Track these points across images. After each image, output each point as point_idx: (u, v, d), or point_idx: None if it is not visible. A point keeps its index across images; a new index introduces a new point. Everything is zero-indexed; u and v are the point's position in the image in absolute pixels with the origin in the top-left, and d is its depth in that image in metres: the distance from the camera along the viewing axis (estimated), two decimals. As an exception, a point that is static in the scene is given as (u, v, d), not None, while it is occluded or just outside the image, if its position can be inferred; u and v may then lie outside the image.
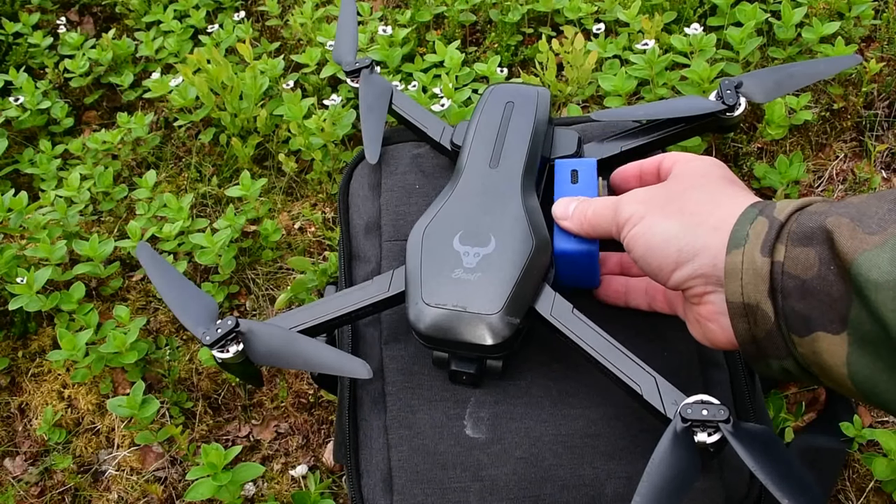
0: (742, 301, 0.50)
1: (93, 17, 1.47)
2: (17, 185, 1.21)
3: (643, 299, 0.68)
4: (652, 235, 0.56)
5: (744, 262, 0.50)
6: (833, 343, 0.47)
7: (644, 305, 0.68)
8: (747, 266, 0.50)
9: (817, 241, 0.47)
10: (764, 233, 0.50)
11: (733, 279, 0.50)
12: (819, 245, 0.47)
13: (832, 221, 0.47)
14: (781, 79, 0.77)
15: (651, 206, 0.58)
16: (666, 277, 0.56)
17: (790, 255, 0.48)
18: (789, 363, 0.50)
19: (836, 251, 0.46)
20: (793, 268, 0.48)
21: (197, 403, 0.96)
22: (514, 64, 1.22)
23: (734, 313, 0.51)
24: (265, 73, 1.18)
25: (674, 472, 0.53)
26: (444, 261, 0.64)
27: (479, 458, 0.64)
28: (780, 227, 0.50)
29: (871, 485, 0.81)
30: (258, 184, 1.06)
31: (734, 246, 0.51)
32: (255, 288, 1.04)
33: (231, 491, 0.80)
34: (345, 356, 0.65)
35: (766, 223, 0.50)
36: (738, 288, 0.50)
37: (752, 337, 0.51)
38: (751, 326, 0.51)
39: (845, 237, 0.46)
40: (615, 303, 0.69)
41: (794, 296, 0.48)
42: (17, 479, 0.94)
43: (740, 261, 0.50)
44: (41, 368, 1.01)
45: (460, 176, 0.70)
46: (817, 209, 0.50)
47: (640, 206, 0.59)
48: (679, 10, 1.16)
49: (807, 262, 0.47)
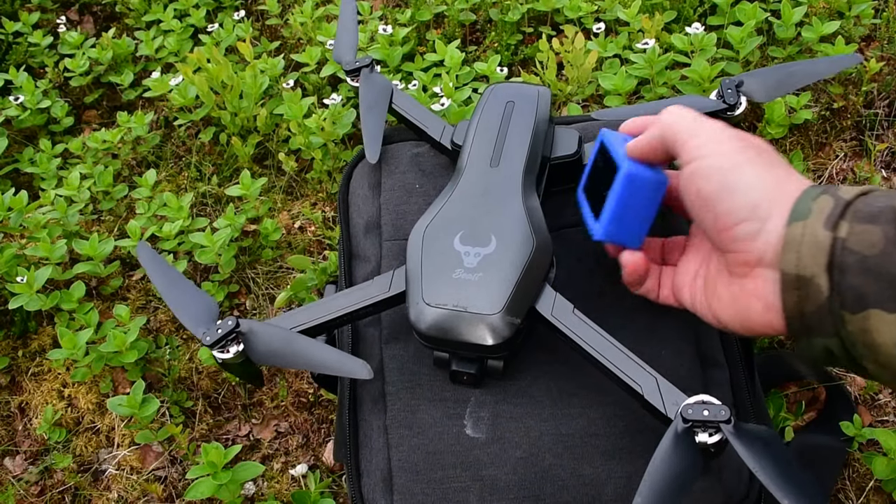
0: (796, 273, 0.49)
1: (93, 17, 1.47)
2: (17, 184, 1.21)
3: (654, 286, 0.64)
4: (734, 177, 0.53)
5: (804, 235, 0.49)
6: (886, 322, 0.47)
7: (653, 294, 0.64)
8: (808, 238, 0.49)
9: (885, 221, 0.47)
10: (829, 209, 0.49)
11: (791, 250, 0.50)
12: (886, 224, 0.47)
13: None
14: (782, 78, 0.77)
15: (737, 146, 0.55)
16: (727, 225, 0.53)
17: (854, 232, 0.48)
18: (833, 342, 0.50)
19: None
20: (856, 244, 0.48)
21: (197, 402, 0.96)
22: (514, 63, 1.22)
23: (786, 285, 0.50)
24: (265, 72, 1.18)
25: (674, 473, 0.53)
26: (445, 261, 0.64)
27: (480, 457, 0.64)
28: (845, 204, 0.49)
29: (871, 484, 0.81)
30: (258, 183, 1.06)
31: (795, 218, 0.50)
32: (255, 287, 1.04)
33: (231, 490, 0.80)
34: (345, 356, 0.65)
35: (830, 200, 0.50)
36: (794, 259, 0.50)
37: (800, 312, 0.50)
38: (801, 300, 0.50)
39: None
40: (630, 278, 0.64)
41: (852, 272, 0.48)
42: (18, 478, 0.94)
43: (801, 233, 0.49)
44: (41, 367, 1.01)
45: (461, 175, 0.70)
46: (884, 193, 0.50)
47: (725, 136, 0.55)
48: (679, 10, 1.16)
49: (871, 240, 0.47)
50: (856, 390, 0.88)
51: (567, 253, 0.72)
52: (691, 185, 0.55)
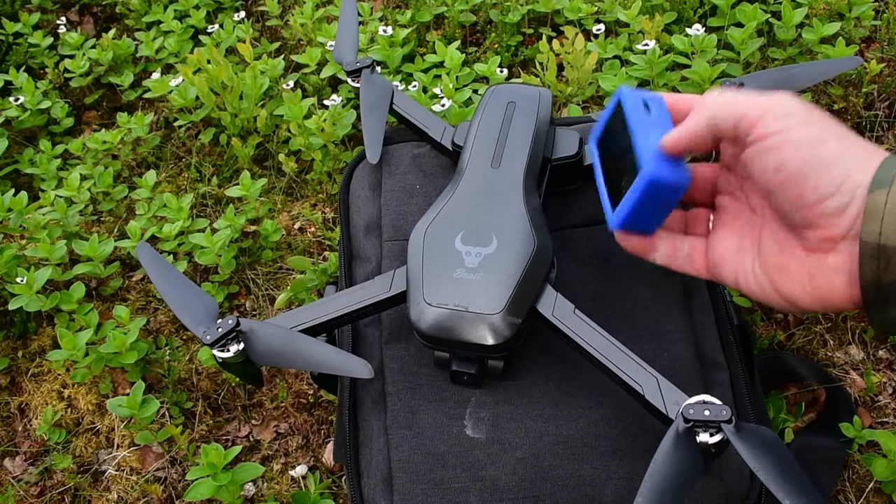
0: (878, 242, 0.48)
1: (93, 17, 1.47)
2: (17, 185, 1.21)
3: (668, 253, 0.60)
4: (824, 150, 0.50)
5: (888, 203, 0.47)
6: None
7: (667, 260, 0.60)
8: (891, 206, 0.47)
9: None
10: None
11: (873, 219, 0.48)
12: None
13: None
14: (782, 80, 0.77)
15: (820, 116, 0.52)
16: (814, 201, 0.50)
17: None
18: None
19: None
20: None
21: (197, 403, 0.96)
22: (514, 64, 1.22)
23: (865, 253, 0.48)
24: (265, 73, 1.18)
25: (676, 473, 0.53)
26: (446, 261, 0.64)
27: (480, 458, 0.64)
28: None
29: (870, 485, 0.81)
30: (258, 184, 1.06)
31: (878, 186, 0.48)
32: (254, 288, 1.04)
33: (231, 491, 0.80)
34: (346, 356, 0.65)
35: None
36: (876, 227, 0.48)
37: (877, 281, 0.49)
38: (879, 269, 0.48)
39: None
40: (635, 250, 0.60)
41: None
42: (17, 478, 0.94)
43: (884, 200, 0.48)
44: (41, 368, 1.01)
45: (462, 176, 0.70)
46: None
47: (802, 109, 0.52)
48: (679, 11, 1.16)
49: None
50: (856, 392, 0.88)
51: (568, 253, 0.72)
52: (771, 161, 0.52)
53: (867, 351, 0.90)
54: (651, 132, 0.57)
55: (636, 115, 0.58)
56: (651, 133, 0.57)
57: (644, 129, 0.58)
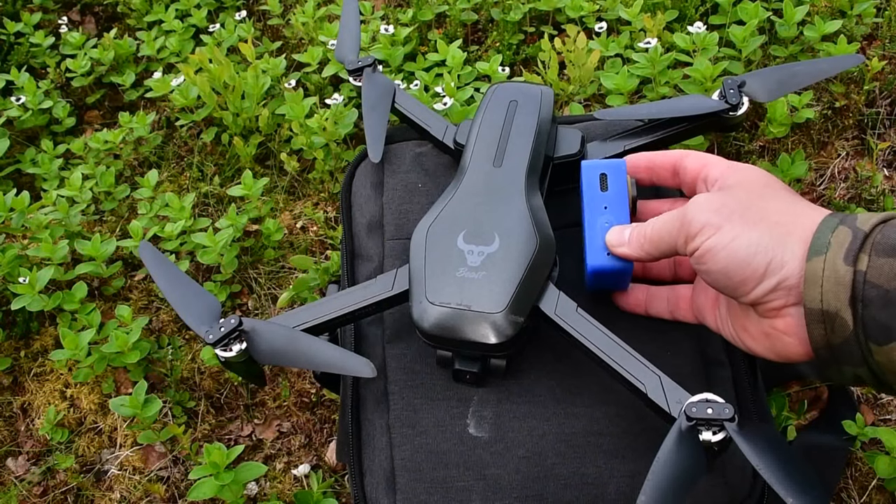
0: (821, 308, 0.50)
1: (94, 17, 1.47)
2: (19, 184, 1.21)
3: (664, 307, 0.66)
4: (737, 248, 0.53)
5: (825, 270, 0.49)
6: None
7: (666, 314, 0.66)
8: (829, 273, 0.49)
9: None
10: (847, 242, 0.50)
11: (813, 286, 0.50)
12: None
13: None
14: (784, 78, 0.77)
15: (727, 215, 0.55)
16: (747, 291, 0.54)
17: (874, 265, 0.48)
18: (863, 371, 0.50)
19: None
20: (876, 278, 0.48)
21: (199, 403, 0.96)
22: (515, 63, 1.22)
23: (811, 319, 0.51)
24: (267, 72, 1.18)
25: (679, 471, 0.53)
26: (448, 259, 0.64)
27: (482, 456, 0.64)
28: (864, 237, 0.49)
29: (873, 483, 0.81)
30: (260, 183, 1.06)
31: (815, 253, 0.50)
32: (257, 287, 1.04)
33: (233, 490, 0.80)
34: (348, 354, 0.65)
35: (849, 232, 0.50)
36: (817, 295, 0.50)
37: (827, 343, 0.51)
38: (827, 333, 0.50)
39: None
40: (634, 311, 0.68)
41: (875, 305, 0.48)
42: (20, 478, 0.94)
43: (821, 268, 0.50)
44: (43, 368, 1.01)
45: (464, 175, 0.70)
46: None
47: (713, 215, 0.55)
48: (681, 9, 1.16)
49: (891, 273, 0.47)
50: (858, 389, 0.87)
51: (570, 252, 0.72)
52: (702, 267, 0.56)
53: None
54: (600, 216, 0.65)
55: (590, 193, 0.66)
56: (599, 217, 0.65)
57: (594, 212, 0.66)
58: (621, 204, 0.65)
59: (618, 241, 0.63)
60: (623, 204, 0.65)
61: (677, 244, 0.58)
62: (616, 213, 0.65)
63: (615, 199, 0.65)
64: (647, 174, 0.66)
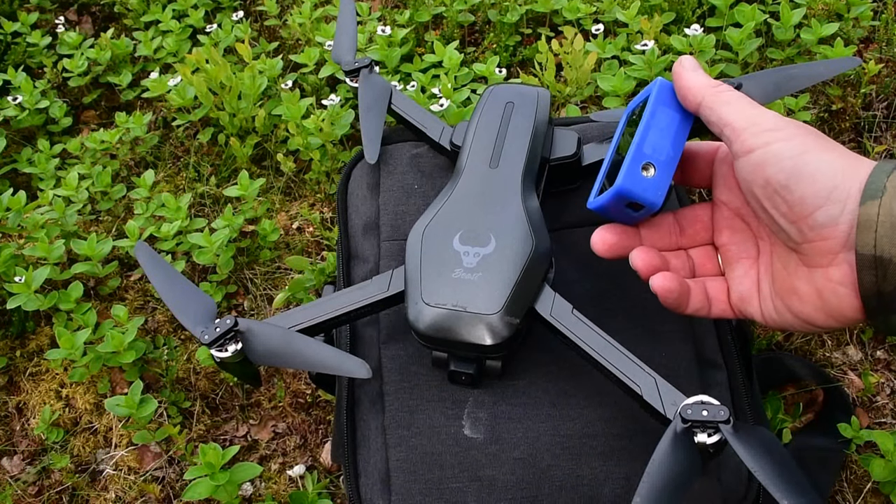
0: (874, 254, 0.48)
1: (91, 17, 1.47)
2: (16, 184, 1.21)
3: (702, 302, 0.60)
4: (807, 161, 0.51)
5: (880, 214, 0.48)
6: None
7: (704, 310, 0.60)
8: (884, 218, 0.48)
9: None
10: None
11: (867, 230, 0.48)
12: None
13: None
14: (781, 80, 0.77)
15: (804, 131, 0.52)
16: (805, 213, 0.51)
17: None
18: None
19: None
20: None
21: (195, 403, 0.96)
22: (512, 64, 1.22)
23: (863, 265, 0.49)
24: (264, 72, 1.18)
25: (674, 473, 0.53)
26: (444, 260, 0.64)
27: (477, 458, 0.64)
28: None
29: (868, 486, 0.81)
30: (256, 184, 1.06)
31: (869, 197, 0.48)
32: (253, 288, 1.04)
33: (229, 491, 0.80)
34: (344, 355, 0.65)
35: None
36: (870, 240, 0.48)
37: (877, 291, 0.49)
38: (878, 280, 0.48)
39: None
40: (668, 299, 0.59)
41: None
42: (15, 478, 0.94)
43: (876, 212, 0.48)
44: (39, 368, 1.01)
45: (460, 176, 0.70)
46: None
47: (789, 124, 0.53)
48: (678, 11, 1.16)
49: None
50: (853, 392, 0.88)
51: (566, 253, 0.72)
52: (757, 176, 0.53)
53: (865, 351, 0.90)
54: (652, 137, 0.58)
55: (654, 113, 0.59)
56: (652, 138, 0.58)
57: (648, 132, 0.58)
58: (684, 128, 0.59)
59: (692, 65, 0.58)
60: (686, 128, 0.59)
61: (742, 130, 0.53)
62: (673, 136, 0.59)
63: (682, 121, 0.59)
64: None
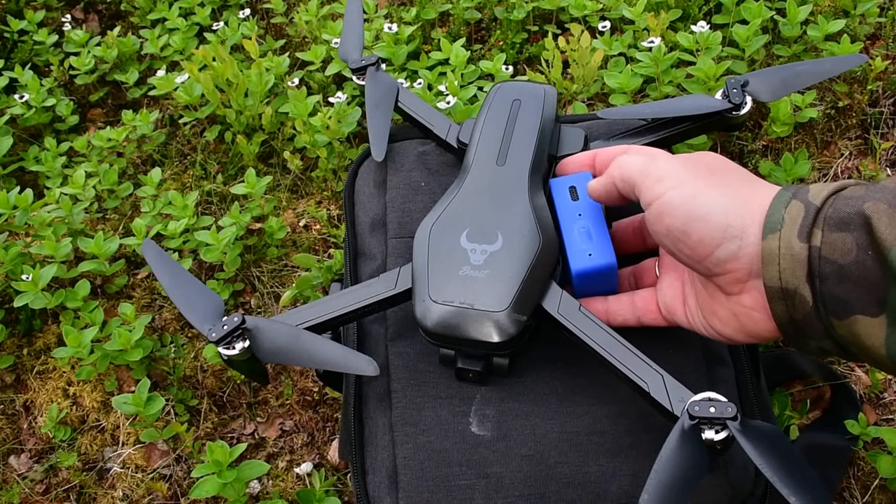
0: (780, 286, 0.50)
1: (98, 15, 1.47)
2: (23, 182, 1.21)
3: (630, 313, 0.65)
4: (697, 205, 0.53)
5: (780, 248, 0.50)
6: (871, 325, 0.47)
7: (633, 321, 0.65)
8: (784, 251, 0.50)
9: (855, 227, 0.47)
10: (800, 217, 0.50)
11: (771, 264, 0.50)
12: (857, 231, 0.47)
13: (870, 207, 0.47)
14: (787, 77, 0.77)
15: (692, 174, 0.55)
16: (705, 254, 0.53)
17: (827, 241, 0.48)
18: (827, 343, 0.51)
19: (875, 237, 0.46)
20: (830, 253, 0.48)
21: (202, 401, 0.96)
22: (519, 62, 1.22)
23: (772, 297, 0.51)
24: (270, 70, 1.18)
25: (681, 470, 0.53)
26: (452, 258, 0.64)
27: (485, 455, 0.64)
28: (816, 211, 0.49)
29: (875, 482, 0.81)
30: (263, 181, 1.06)
31: (770, 231, 0.51)
32: (260, 285, 1.04)
33: (236, 488, 0.80)
34: (351, 353, 0.65)
35: (801, 207, 0.50)
36: (776, 273, 0.50)
37: (790, 318, 0.51)
38: (789, 309, 0.51)
39: (884, 224, 0.46)
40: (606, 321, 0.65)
41: (831, 280, 0.48)
42: (23, 476, 0.94)
43: (777, 246, 0.50)
44: (46, 366, 1.02)
45: (467, 173, 0.70)
46: (853, 193, 0.49)
47: (679, 168, 0.56)
48: (684, 8, 1.16)
49: (844, 248, 0.47)
50: (861, 388, 0.87)
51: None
52: (659, 225, 0.56)
53: (872, 348, 0.90)
54: (575, 223, 0.66)
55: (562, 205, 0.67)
56: (575, 224, 0.66)
57: (569, 220, 0.66)
58: (594, 208, 0.66)
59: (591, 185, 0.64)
60: (596, 207, 0.66)
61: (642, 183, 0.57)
62: (590, 218, 0.66)
63: (587, 205, 0.67)
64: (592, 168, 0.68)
